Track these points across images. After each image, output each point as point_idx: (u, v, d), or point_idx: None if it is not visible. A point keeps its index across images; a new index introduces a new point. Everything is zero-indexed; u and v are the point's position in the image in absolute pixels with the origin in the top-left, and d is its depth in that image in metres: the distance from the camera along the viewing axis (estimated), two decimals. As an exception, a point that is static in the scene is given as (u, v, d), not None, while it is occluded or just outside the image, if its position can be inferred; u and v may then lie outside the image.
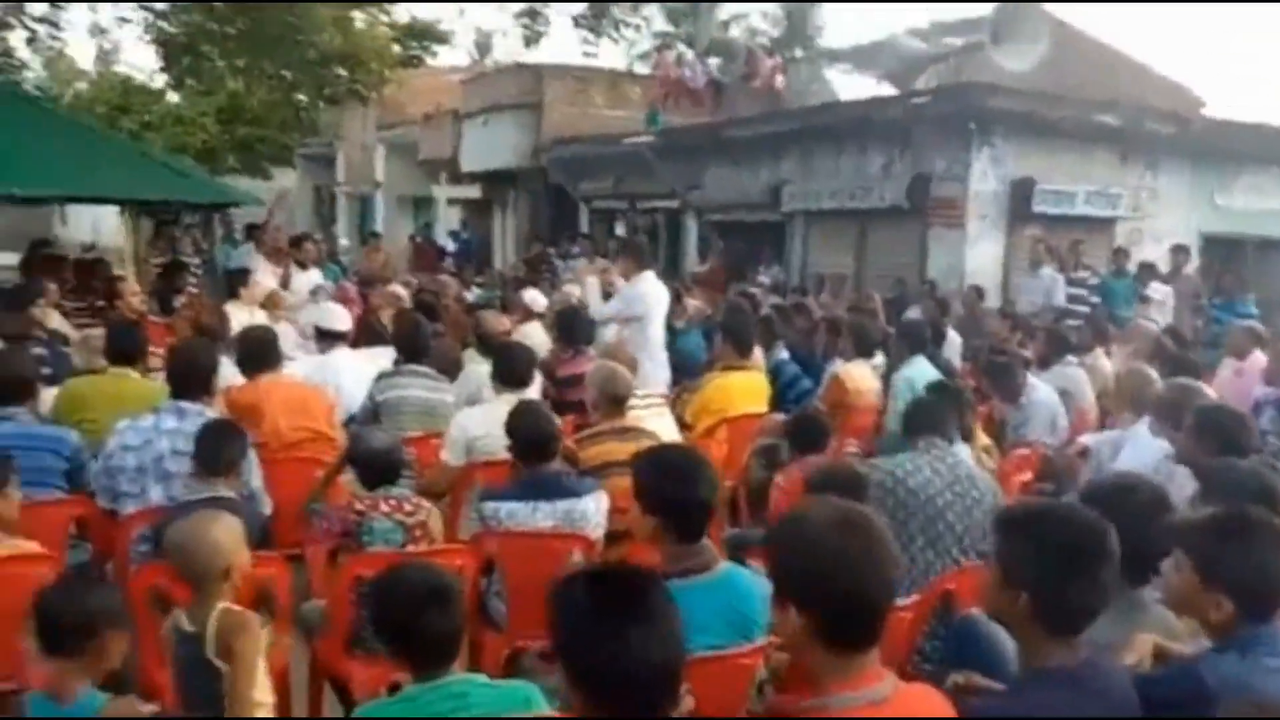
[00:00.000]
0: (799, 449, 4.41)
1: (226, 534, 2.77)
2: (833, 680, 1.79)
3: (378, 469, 3.54)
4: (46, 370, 5.02)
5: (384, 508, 3.46)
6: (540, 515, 3.49)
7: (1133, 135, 12.01)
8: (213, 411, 4.01)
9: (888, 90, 14.06)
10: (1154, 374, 4.70)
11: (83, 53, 40.13)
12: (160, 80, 23.07)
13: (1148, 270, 10.91)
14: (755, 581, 2.79)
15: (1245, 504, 2.28)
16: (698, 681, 2.45)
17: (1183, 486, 3.39)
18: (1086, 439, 4.99)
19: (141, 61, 39.74)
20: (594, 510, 3.58)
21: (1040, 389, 6.07)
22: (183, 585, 2.79)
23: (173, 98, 27.37)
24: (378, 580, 2.50)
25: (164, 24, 13.20)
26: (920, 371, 6.10)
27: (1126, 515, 2.16)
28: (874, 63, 15.58)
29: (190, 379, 3.94)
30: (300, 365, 5.80)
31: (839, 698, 1.77)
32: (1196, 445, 3.48)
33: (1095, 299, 10.36)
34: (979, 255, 11.76)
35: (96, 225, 23.18)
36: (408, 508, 3.48)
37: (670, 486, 2.63)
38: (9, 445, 3.60)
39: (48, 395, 4.55)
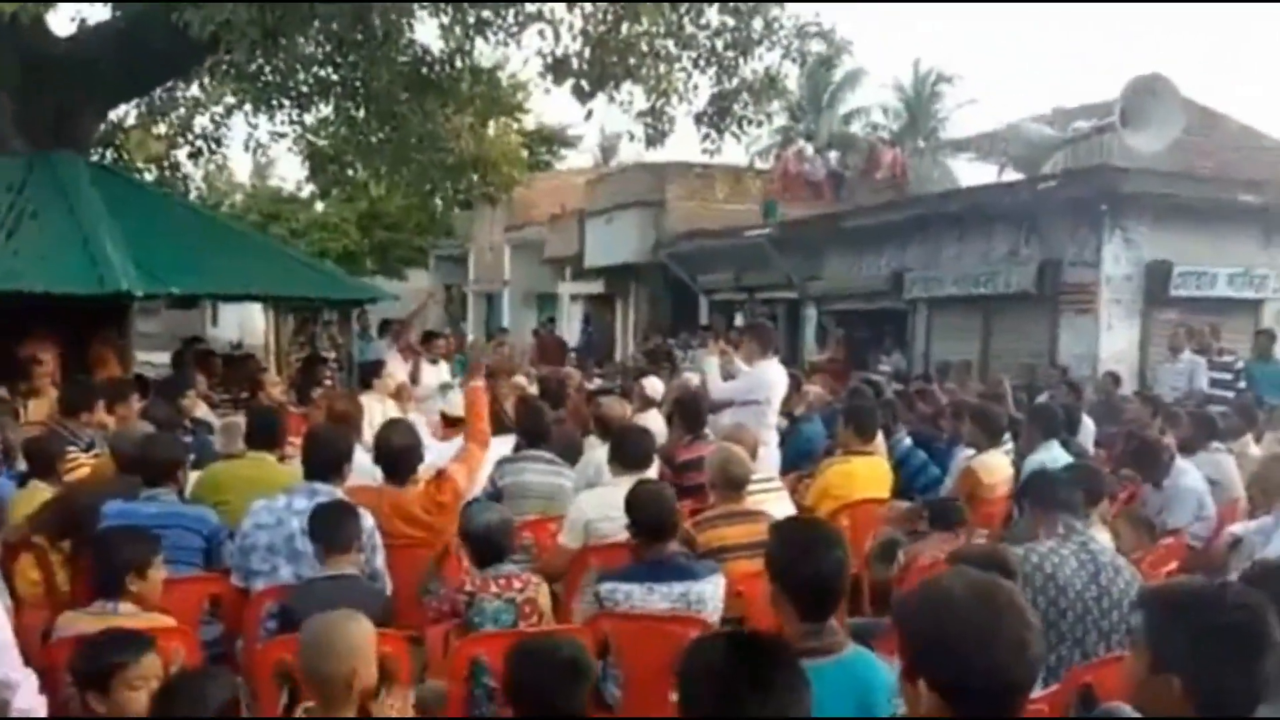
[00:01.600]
0: (935, 527, 4.27)
1: (360, 638, 2.69)
2: (963, 759, 1.68)
3: (486, 546, 3.57)
4: (191, 456, 5.30)
5: (493, 588, 3.49)
6: (657, 597, 3.45)
7: (1276, 214, 11.50)
8: (342, 494, 4.13)
9: (1012, 179, 13.86)
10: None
11: (240, 167, 43.14)
12: (307, 190, 24.66)
13: (1296, 350, 10.30)
14: (882, 668, 2.69)
15: None
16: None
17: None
18: (1236, 528, 4.68)
19: (290, 174, 42.46)
20: (712, 593, 3.51)
21: (1189, 474, 5.75)
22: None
23: (319, 206, 29.16)
24: (518, 649, 2.50)
25: (313, 137, 14.07)
26: (1054, 456, 5.87)
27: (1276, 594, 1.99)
28: (999, 149, 15.41)
29: (323, 462, 4.07)
30: (430, 454, 5.94)
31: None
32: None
33: (1241, 384, 9.80)
34: (1113, 341, 11.34)
35: (244, 325, 24.57)
36: (517, 584, 3.50)
37: (801, 559, 2.57)
38: (154, 524, 3.80)
39: (189, 479, 4.78)
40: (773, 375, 6.90)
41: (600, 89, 9.45)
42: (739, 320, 18.10)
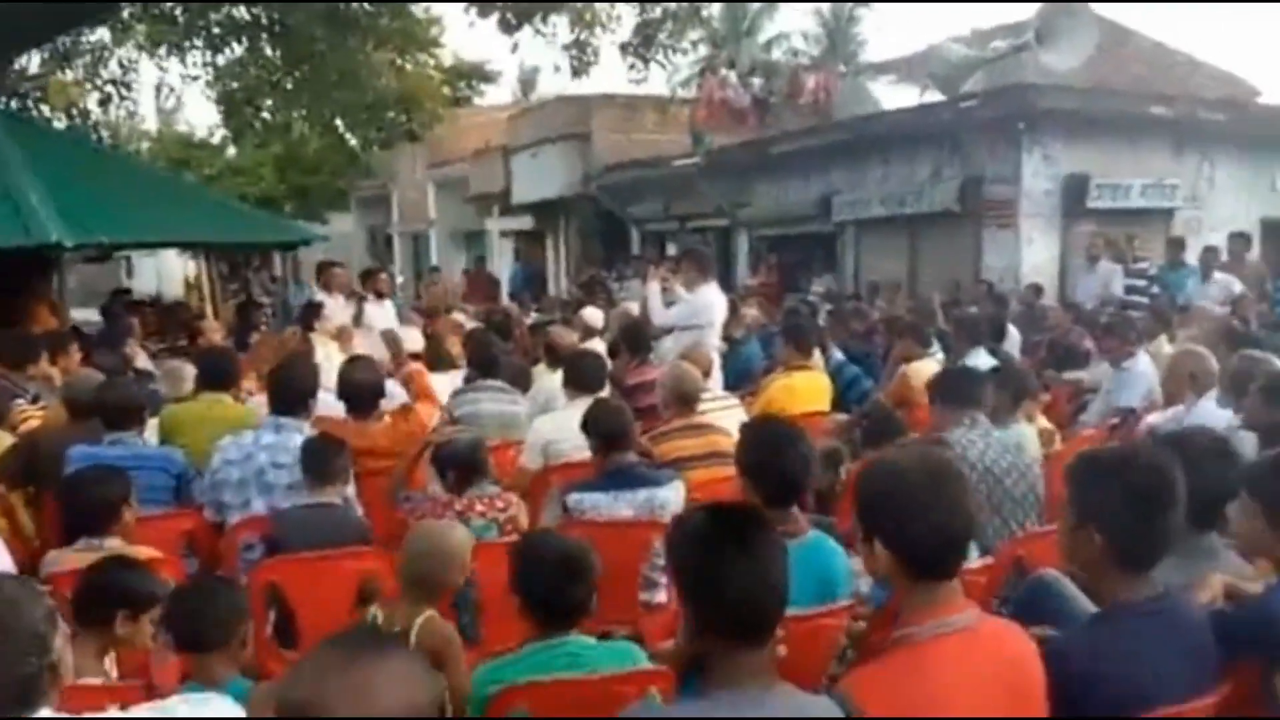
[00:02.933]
0: (870, 443, 4.51)
1: (465, 548, 2.88)
2: (920, 611, 1.92)
3: (467, 468, 3.72)
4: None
5: (479, 507, 3.65)
6: (622, 504, 3.65)
7: (1186, 126, 11.94)
8: (308, 429, 4.23)
9: (933, 100, 14.11)
10: (1207, 352, 4.74)
11: (146, 112, 41.55)
12: (219, 135, 23.96)
13: (1210, 255, 10.77)
14: (839, 550, 2.93)
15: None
16: (787, 639, 2.59)
17: (1250, 453, 3.44)
18: (1152, 418, 5.02)
19: (199, 118, 41.16)
20: (673, 498, 3.72)
21: (1143, 360, 6.05)
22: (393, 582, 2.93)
23: (231, 151, 28.32)
24: (524, 545, 2.69)
25: (226, 79, 13.73)
26: (980, 363, 6.18)
27: (1190, 462, 2.25)
28: (919, 72, 15.66)
29: (290, 397, 4.17)
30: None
31: (927, 626, 1.90)
32: (1263, 410, 3.54)
33: (1154, 289, 10.28)
34: (1034, 254, 11.75)
35: (161, 275, 23.99)
36: (499, 504, 3.67)
37: (767, 453, 2.79)
38: (122, 466, 3.86)
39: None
40: (713, 298, 7.09)
41: (526, 21, 9.41)
42: (671, 250, 18.25)
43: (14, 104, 13.04)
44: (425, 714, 1.33)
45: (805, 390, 5.99)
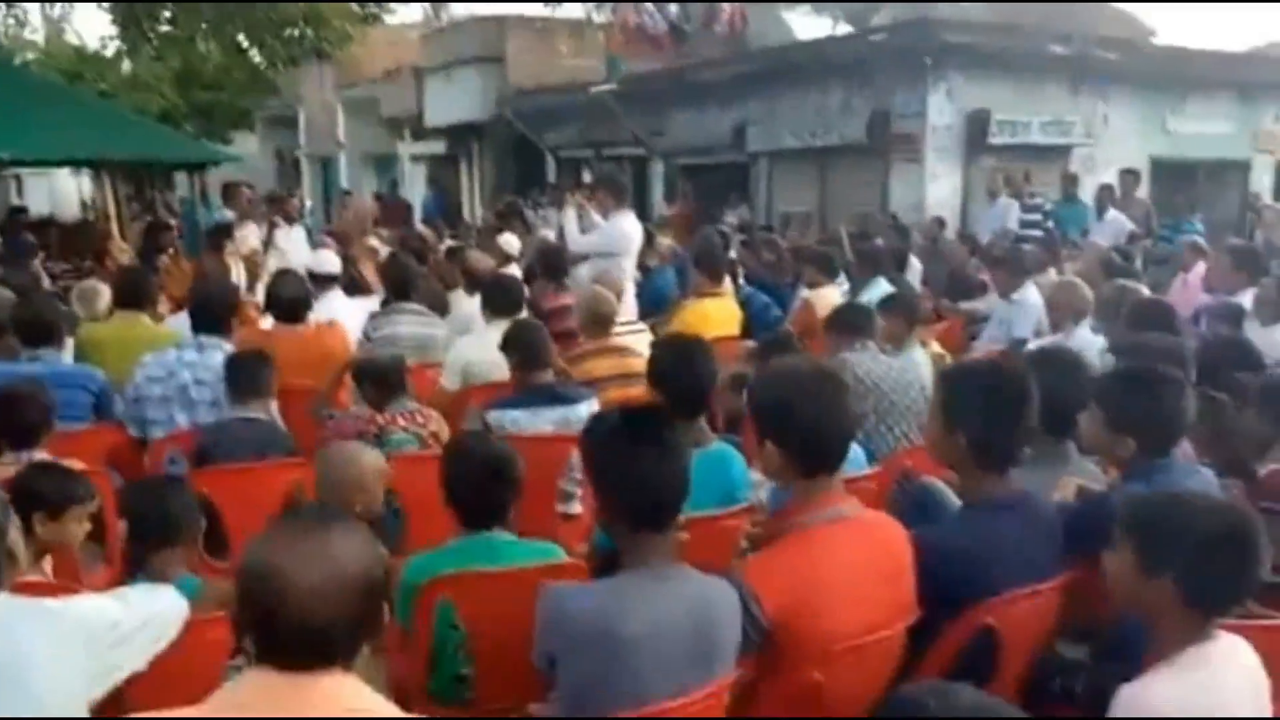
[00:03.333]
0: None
1: (375, 471, 2.93)
2: (806, 503, 2.17)
3: (388, 383, 3.86)
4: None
5: (400, 421, 3.80)
6: (540, 420, 3.84)
7: (1084, 64, 12.37)
8: (229, 347, 4.31)
9: (846, 31, 14.32)
10: (1081, 282, 5.11)
11: (32, 21, 39.24)
12: (113, 47, 22.87)
13: (1106, 192, 11.26)
14: (740, 460, 3.18)
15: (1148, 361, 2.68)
16: (691, 540, 2.84)
17: (1116, 372, 3.79)
18: (1033, 344, 5.39)
19: (90, 30, 39.16)
20: (587, 415, 3.92)
21: (1032, 292, 6.37)
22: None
23: (126, 65, 27.07)
24: (453, 447, 2.88)
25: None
26: (880, 291, 6.50)
27: (1046, 375, 2.54)
28: (833, 3, 15.80)
29: (211, 316, 4.24)
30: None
31: (812, 515, 2.15)
32: (1127, 333, 3.88)
33: (1049, 224, 10.75)
34: (939, 188, 12.13)
35: (54, 195, 23.04)
36: (420, 419, 3.83)
37: (675, 365, 3.00)
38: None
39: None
40: (628, 227, 7.24)
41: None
42: (587, 178, 18.23)
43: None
44: (374, 576, 1.50)
45: (716, 316, 6.22)
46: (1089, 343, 4.54)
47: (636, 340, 5.27)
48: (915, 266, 8.82)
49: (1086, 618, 2.56)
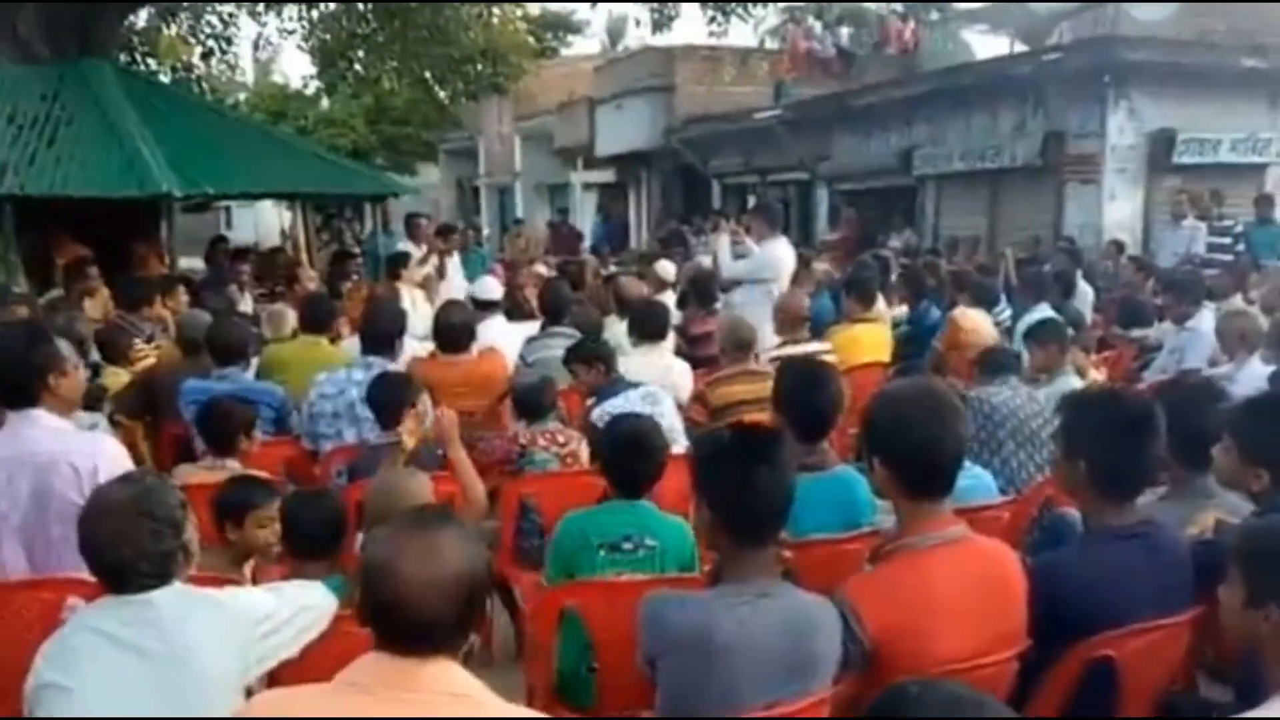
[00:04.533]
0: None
1: (420, 487, 3.15)
2: (913, 525, 2.20)
3: (532, 402, 4.08)
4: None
5: (541, 441, 4.00)
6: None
7: (1281, 78, 11.61)
8: (394, 368, 4.62)
9: (1017, 51, 13.91)
10: (1255, 311, 4.83)
11: (241, 63, 42.58)
12: (313, 86, 24.63)
13: (1306, 214, 10.52)
14: (863, 484, 3.19)
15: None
16: (809, 560, 2.89)
17: None
18: (1204, 373, 5.13)
19: (293, 70, 42.28)
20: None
21: (1206, 318, 6.11)
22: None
23: (324, 102, 29.07)
24: (610, 427, 3.28)
25: (320, 33, 14.23)
26: (1040, 317, 6.31)
27: (1177, 404, 2.47)
28: (1006, 22, 15.39)
29: (379, 337, 4.58)
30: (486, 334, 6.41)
31: (919, 537, 2.18)
32: (1296, 364, 3.67)
33: (1239, 247, 10.12)
34: (1117, 210, 11.61)
35: (258, 226, 24.93)
36: (560, 439, 4.02)
37: (798, 388, 3.08)
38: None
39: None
40: (780, 253, 7.30)
41: (608, -21, 9.59)
42: (751, 203, 18.34)
43: (123, 56, 13.77)
44: (478, 575, 1.66)
45: (867, 341, 6.20)
46: (1259, 373, 4.30)
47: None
48: (1086, 292, 8.47)
49: (1232, 656, 2.47)
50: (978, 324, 5.74)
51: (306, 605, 2.37)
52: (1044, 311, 6.40)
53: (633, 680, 2.50)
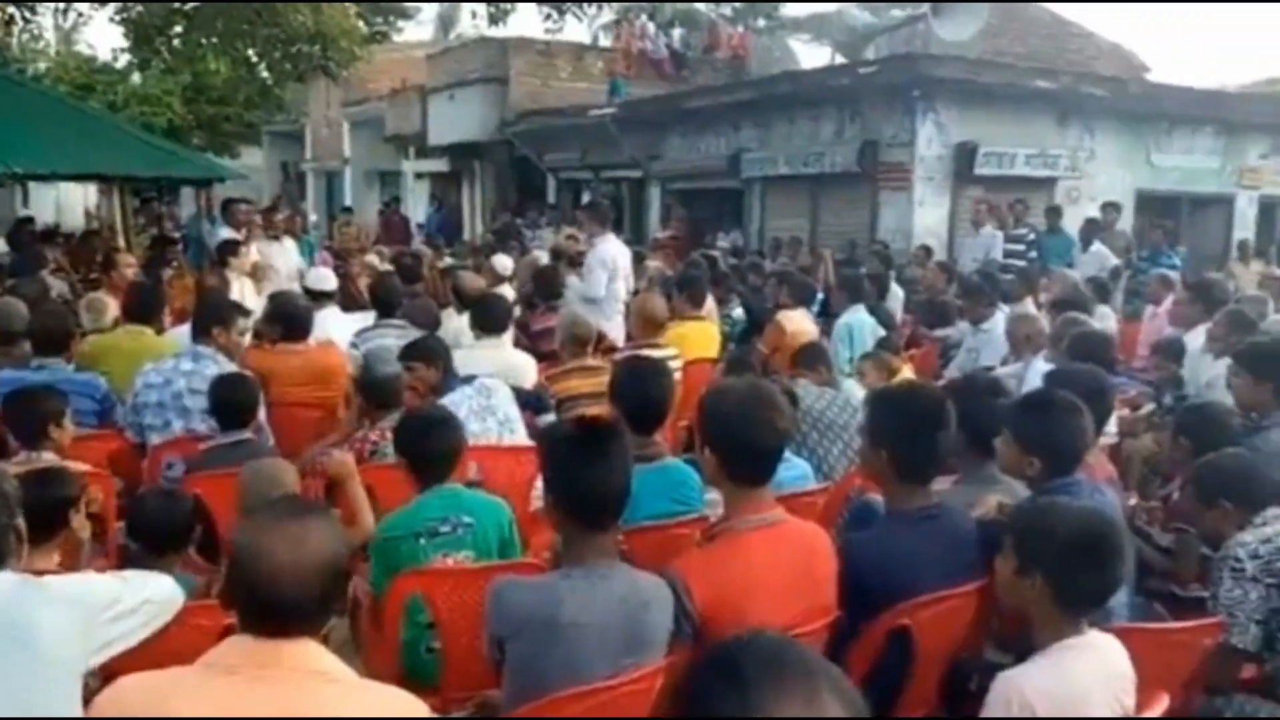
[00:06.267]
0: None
1: (289, 479, 3.24)
2: (737, 508, 2.43)
3: (388, 394, 4.13)
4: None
5: (390, 435, 4.05)
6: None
7: (1070, 99, 12.68)
8: (223, 358, 4.56)
9: (837, 63, 14.66)
10: (1037, 315, 5.37)
11: (45, 32, 39.63)
12: (124, 60, 23.24)
13: (1090, 225, 11.51)
14: (692, 473, 3.43)
15: (1054, 389, 2.94)
16: (644, 544, 3.09)
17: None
18: (997, 372, 5.64)
19: (100, 40, 39.60)
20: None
21: (1000, 320, 6.57)
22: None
23: (136, 77, 27.45)
24: (402, 418, 3.29)
25: (136, 5, 13.49)
26: (858, 319, 6.79)
27: (965, 399, 2.80)
28: (826, 33, 16.16)
29: (207, 326, 4.50)
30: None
31: (742, 520, 2.40)
32: (1069, 363, 4.13)
33: (1032, 254, 11.02)
34: (926, 216, 12.42)
35: (60, 205, 23.37)
36: (403, 430, 4.07)
37: (633, 382, 3.26)
38: (52, 388, 4.15)
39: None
40: (614, 249, 7.53)
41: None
42: (585, 198, 18.57)
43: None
44: (341, 559, 1.77)
45: (696, 339, 6.47)
46: (1043, 372, 4.77)
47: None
48: (897, 293, 9.09)
49: (1014, 626, 2.81)
50: (799, 325, 6.13)
51: (153, 593, 2.38)
52: (860, 312, 6.87)
53: (477, 660, 2.64)
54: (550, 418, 4.52)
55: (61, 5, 13.86)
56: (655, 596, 2.26)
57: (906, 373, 6.05)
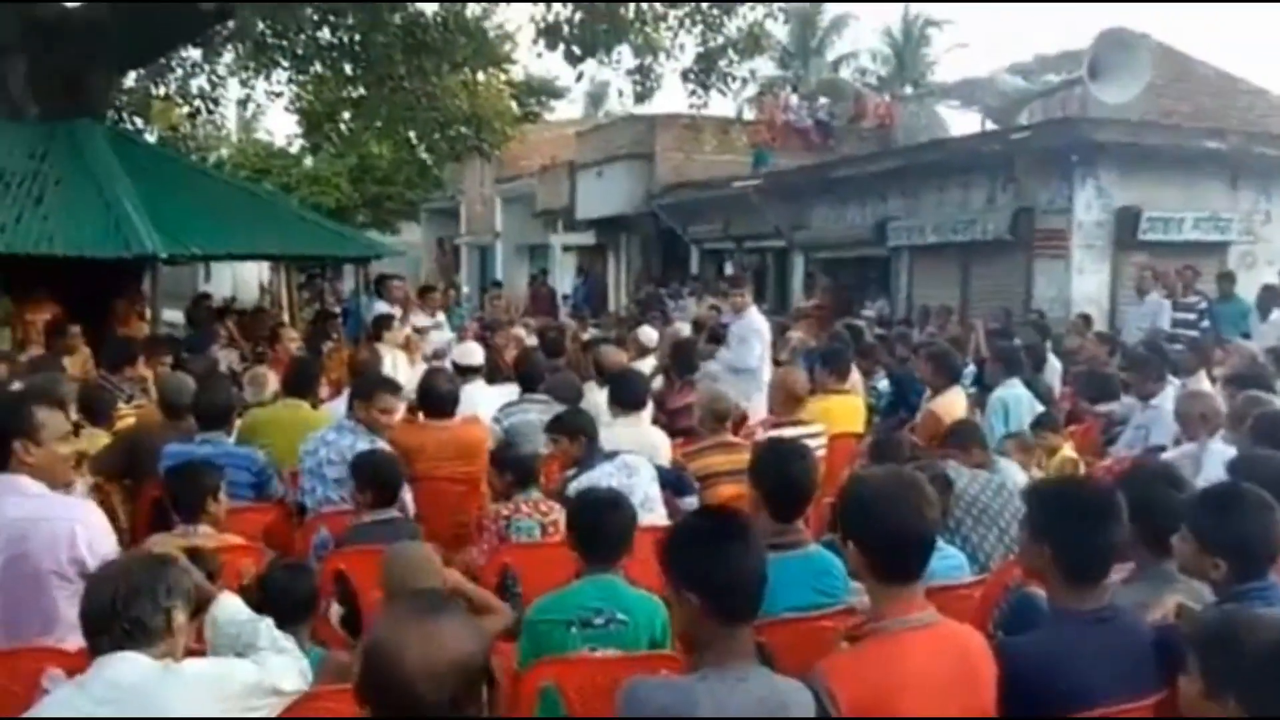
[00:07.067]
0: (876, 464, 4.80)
1: (433, 564, 3.21)
2: (886, 608, 2.27)
3: (526, 470, 4.16)
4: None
5: (524, 509, 4.07)
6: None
7: (1242, 159, 12.01)
8: (362, 431, 4.69)
9: (988, 129, 14.32)
10: (1212, 392, 4.97)
11: (226, 121, 42.82)
12: (298, 145, 24.89)
13: (1270, 292, 10.73)
14: (837, 562, 3.27)
15: (1239, 480, 2.67)
16: (785, 638, 2.95)
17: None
18: (1168, 455, 5.25)
19: (278, 126, 42.72)
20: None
21: (1170, 395, 6.16)
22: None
23: (309, 161, 29.33)
24: (579, 494, 3.38)
25: (308, 96, 14.44)
26: (1014, 393, 6.45)
27: (1139, 491, 2.57)
28: (977, 100, 15.84)
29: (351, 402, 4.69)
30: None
31: (892, 621, 2.25)
32: (1252, 446, 3.80)
33: (1204, 324, 10.37)
34: (1085, 284, 11.89)
35: (236, 280, 24.96)
36: (544, 508, 4.08)
37: (774, 465, 3.15)
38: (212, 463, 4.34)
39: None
40: (759, 321, 7.51)
41: (591, 54, 9.85)
42: (728, 269, 18.61)
43: (110, 115, 13.90)
44: (478, 660, 1.72)
45: (840, 413, 6.29)
46: (1222, 455, 4.41)
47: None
48: (1055, 365, 8.65)
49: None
50: (954, 409, 5.86)
51: (282, 687, 2.41)
52: (1016, 387, 6.53)
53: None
54: (693, 500, 4.42)
55: (241, 96, 14.90)
56: (795, 701, 2.12)
57: (1068, 451, 5.73)
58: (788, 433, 4.80)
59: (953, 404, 6.02)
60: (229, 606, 2.66)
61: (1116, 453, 6.36)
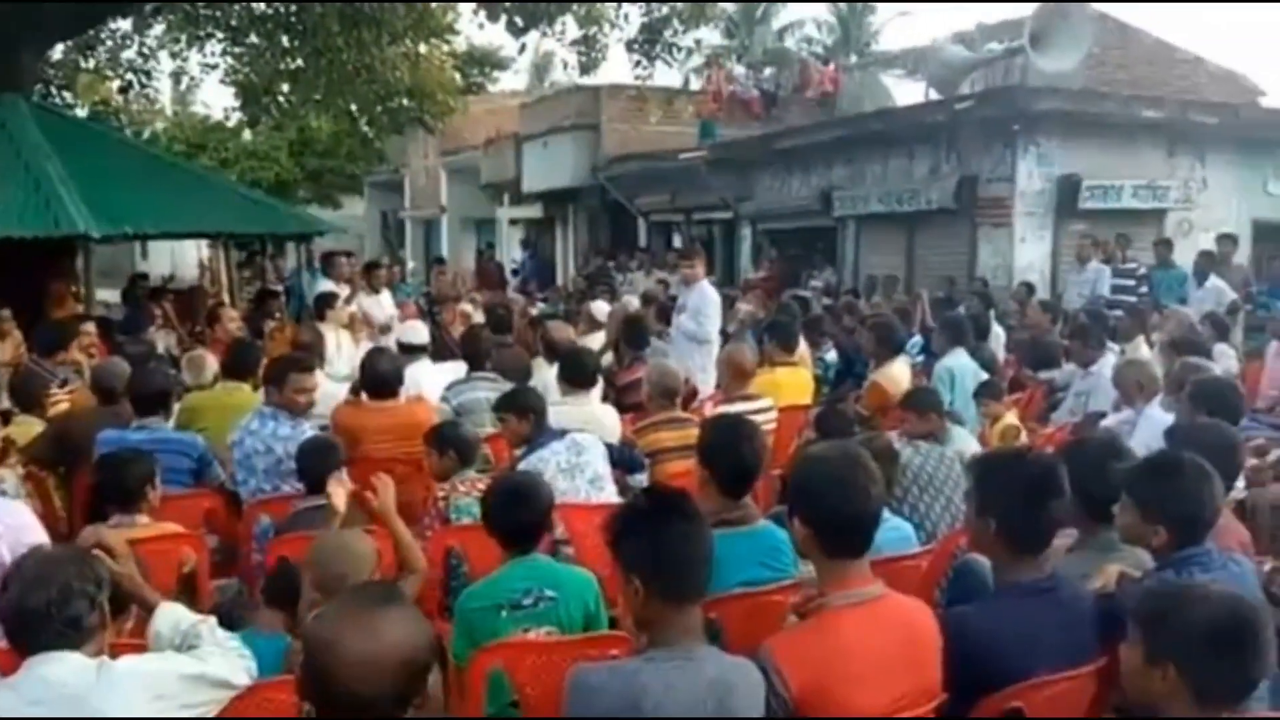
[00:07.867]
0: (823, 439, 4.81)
1: (366, 552, 3.07)
2: (832, 583, 2.28)
3: (470, 452, 4.12)
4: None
5: (461, 488, 4.02)
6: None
7: (1179, 127, 12.18)
8: (284, 416, 4.59)
9: (931, 99, 14.38)
10: (1148, 359, 5.06)
11: (161, 96, 41.71)
12: (235, 118, 24.33)
13: (1205, 258, 10.95)
14: (785, 537, 3.27)
15: (1180, 450, 2.71)
16: (735, 613, 2.95)
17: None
18: (1106, 421, 5.35)
19: (214, 100, 41.64)
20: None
21: (1109, 362, 6.25)
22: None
23: (246, 134, 28.66)
24: (489, 486, 3.30)
25: (245, 69, 14.07)
26: (960, 362, 6.50)
27: (1080, 462, 2.60)
28: (920, 69, 15.91)
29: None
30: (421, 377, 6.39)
31: (837, 595, 2.25)
32: (1191, 413, 3.87)
33: (1142, 289, 10.56)
34: (1027, 252, 12.03)
35: (175, 258, 24.43)
36: (481, 486, 4.02)
37: (722, 444, 3.13)
38: (147, 449, 4.22)
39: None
40: (711, 292, 7.53)
41: (534, 25, 9.71)
42: (676, 241, 18.58)
43: (37, 89, 13.44)
44: (421, 653, 1.69)
45: (788, 385, 6.31)
46: (1159, 421, 4.49)
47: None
48: (998, 334, 8.76)
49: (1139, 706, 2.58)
50: (900, 380, 5.89)
51: (229, 679, 2.36)
52: (961, 356, 6.59)
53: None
54: (642, 477, 4.41)
55: (175, 69, 14.48)
56: (745, 683, 2.12)
57: (1010, 419, 5.81)
58: (736, 408, 4.80)
59: (897, 375, 6.06)
60: (169, 617, 2.57)
61: (1058, 419, 6.47)
